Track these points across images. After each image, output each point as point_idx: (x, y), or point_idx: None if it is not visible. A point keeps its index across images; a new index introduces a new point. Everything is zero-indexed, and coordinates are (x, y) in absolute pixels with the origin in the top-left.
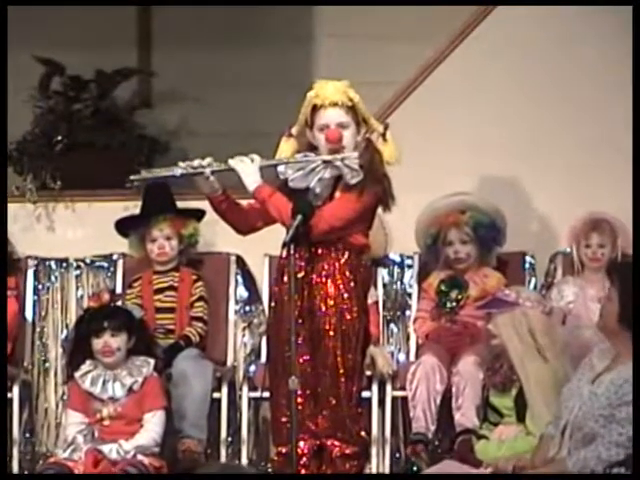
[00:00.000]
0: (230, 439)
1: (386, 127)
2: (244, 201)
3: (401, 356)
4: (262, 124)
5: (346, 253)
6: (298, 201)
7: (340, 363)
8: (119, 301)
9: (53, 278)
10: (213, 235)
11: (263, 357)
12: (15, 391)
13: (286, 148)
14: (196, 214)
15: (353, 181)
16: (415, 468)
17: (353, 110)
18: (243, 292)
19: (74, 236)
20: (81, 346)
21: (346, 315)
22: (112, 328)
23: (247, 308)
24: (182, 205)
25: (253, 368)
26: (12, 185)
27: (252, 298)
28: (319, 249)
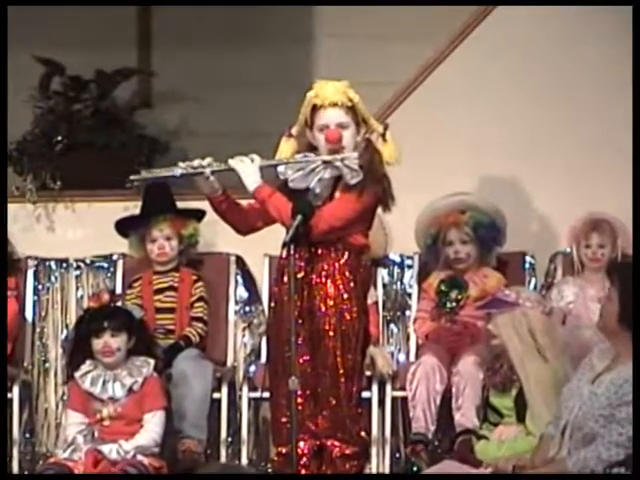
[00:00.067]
0: (230, 439)
1: (386, 127)
2: (244, 201)
3: (401, 356)
4: (262, 124)
5: (346, 253)
6: (298, 201)
7: (340, 363)
8: (119, 301)
9: (53, 278)
10: (213, 235)
11: (263, 357)
12: (15, 391)
13: (286, 148)
14: (196, 214)
15: (353, 181)
16: (415, 468)
17: (353, 110)
18: (243, 292)
19: (74, 236)
20: (81, 346)
21: (346, 315)
22: (112, 328)
23: (247, 308)
24: (182, 205)
25: (253, 368)
26: (12, 185)
27: (252, 298)
28: (319, 249)
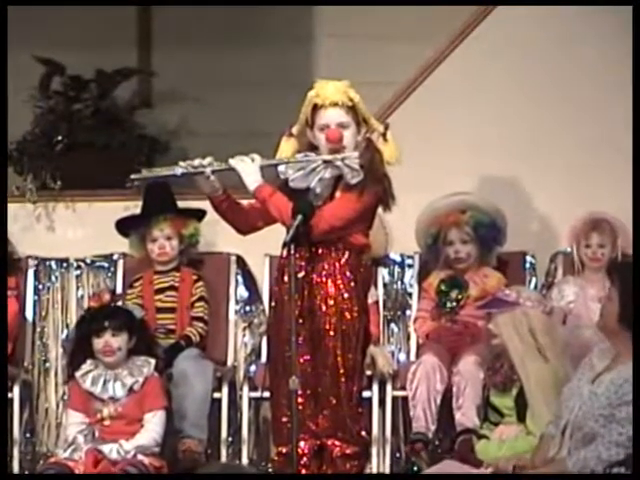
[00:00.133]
0: (230, 439)
1: (386, 127)
2: (244, 201)
3: (401, 356)
4: (262, 124)
5: (346, 253)
6: (298, 201)
7: (340, 363)
8: (120, 301)
9: (53, 278)
10: (214, 235)
11: (263, 357)
12: (15, 391)
13: (286, 148)
14: (197, 214)
15: (353, 181)
16: (415, 468)
17: (353, 110)
18: (243, 292)
19: (74, 236)
20: (82, 346)
21: (346, 315)
22: (113, 328)
23: (247, 308)
24: (183, 205)
25: (253, 368)
26: (12, 185)
27: (252, 298)
28: (319, 249)
